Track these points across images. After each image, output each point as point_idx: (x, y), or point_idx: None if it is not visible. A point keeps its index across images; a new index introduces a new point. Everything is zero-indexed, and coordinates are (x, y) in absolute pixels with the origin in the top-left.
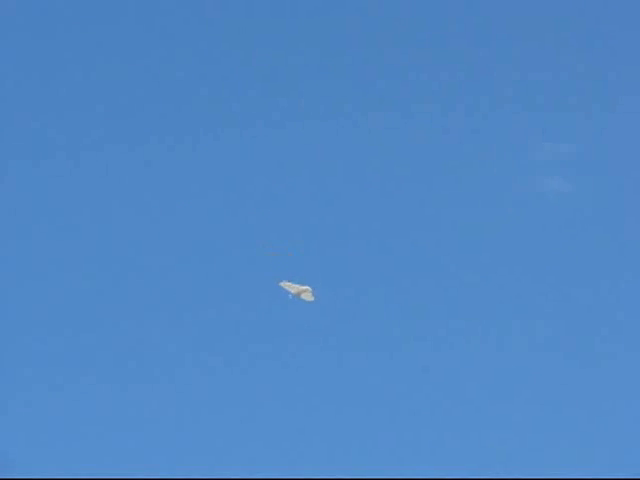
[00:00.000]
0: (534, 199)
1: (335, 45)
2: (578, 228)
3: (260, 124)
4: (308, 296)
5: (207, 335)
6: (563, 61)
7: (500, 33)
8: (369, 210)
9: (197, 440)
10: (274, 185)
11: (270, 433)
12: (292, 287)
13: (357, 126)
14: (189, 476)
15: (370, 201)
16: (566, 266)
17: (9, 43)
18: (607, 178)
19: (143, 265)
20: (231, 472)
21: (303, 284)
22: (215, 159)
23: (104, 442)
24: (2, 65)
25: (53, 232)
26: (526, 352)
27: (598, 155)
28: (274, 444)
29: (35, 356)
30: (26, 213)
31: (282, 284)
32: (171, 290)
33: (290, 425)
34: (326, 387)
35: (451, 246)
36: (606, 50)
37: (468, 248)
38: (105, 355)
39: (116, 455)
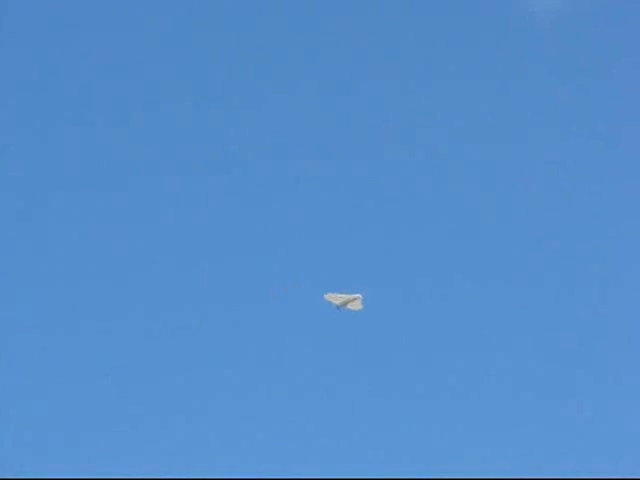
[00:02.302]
0: (526, 19)
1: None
2: (573, 45)
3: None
4: (357, 305)
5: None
6: None
7: None
8: None
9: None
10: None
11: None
12: (338, 298)
13: None
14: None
15: None
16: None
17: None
18: None
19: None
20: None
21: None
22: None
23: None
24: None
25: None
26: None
27: None
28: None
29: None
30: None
31: (328, 296)
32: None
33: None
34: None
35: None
36: None
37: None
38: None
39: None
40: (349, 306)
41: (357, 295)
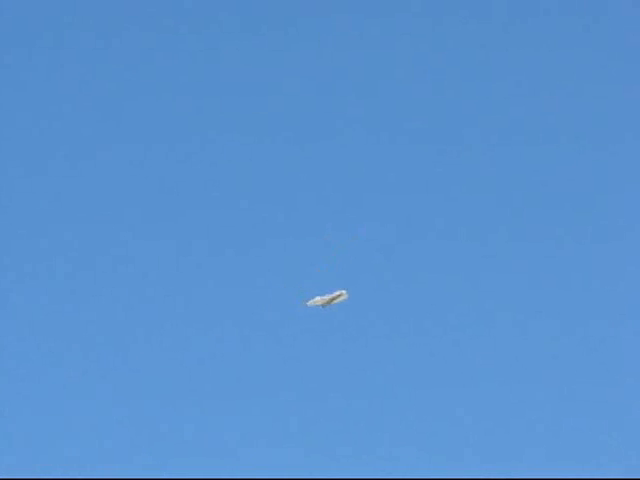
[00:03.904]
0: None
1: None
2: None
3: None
4: (343, 298)
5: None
6: None
7: None
8: None
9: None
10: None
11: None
12: (323, 300)
13: None
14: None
15: None
16: None
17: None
18: None
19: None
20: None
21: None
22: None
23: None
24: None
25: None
26: None
27: None
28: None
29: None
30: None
31: (311, 302)
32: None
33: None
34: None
35: None
36: None
37: None
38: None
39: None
40: (335, 302)
41: (340, 292)
